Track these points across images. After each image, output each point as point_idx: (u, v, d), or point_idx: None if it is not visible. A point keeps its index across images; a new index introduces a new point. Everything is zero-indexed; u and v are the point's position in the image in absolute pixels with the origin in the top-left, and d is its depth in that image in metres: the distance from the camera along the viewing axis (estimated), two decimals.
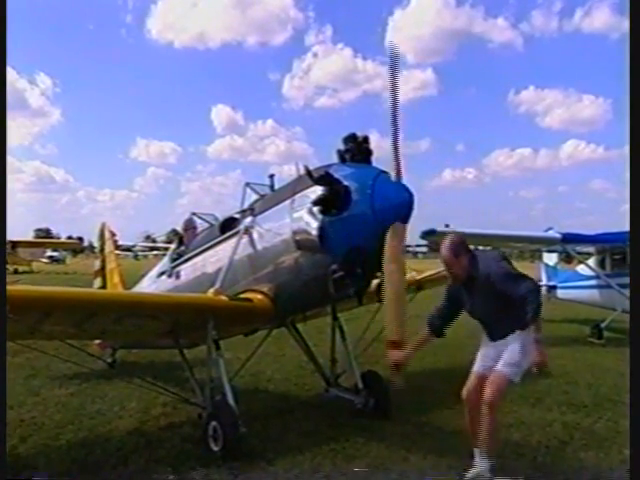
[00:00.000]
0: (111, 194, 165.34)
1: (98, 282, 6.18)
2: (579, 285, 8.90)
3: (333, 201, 3.17)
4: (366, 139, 3.34)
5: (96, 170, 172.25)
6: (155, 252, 42.43)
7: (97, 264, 6.54)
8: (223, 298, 3.49)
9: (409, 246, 3.89)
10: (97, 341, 5.76)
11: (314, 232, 3.27)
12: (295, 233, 3.43)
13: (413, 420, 3.88)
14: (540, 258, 11.88)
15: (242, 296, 3.65)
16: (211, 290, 3.54)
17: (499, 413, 4.27)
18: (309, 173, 3.26)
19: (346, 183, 3.20)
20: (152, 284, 5.27)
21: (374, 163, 3.37)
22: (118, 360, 5.99)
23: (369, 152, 3.35)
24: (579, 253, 8.00)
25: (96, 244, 7.14)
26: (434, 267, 5.36)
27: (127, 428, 3.64)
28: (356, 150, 3.31)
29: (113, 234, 6.76)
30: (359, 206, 3.15)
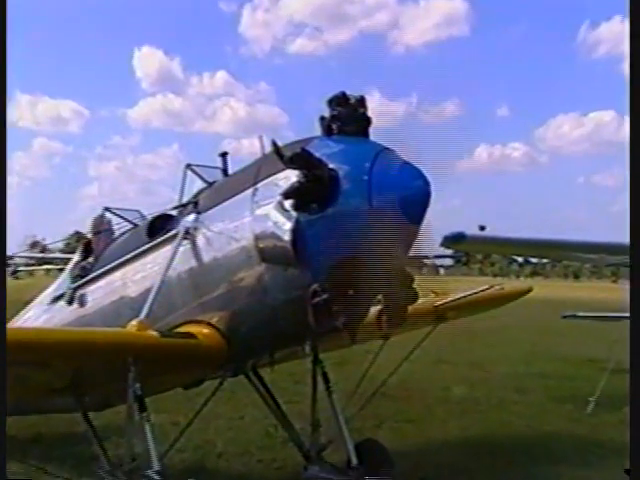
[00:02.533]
0: None
1: None
2: None
3: (313, 192, 3.32)
4: (362, 101, 3.48)
5: None
6: (47, 267, 41.30)
7: None
8: (152, 334, 3.56)
9: (426, 257, 4.19)
10: None
11: (286, 237, 3.42)
12: (258, 238, 3.59)
13: None
14: (628, 277, 11.43)
15: (181, 330, 3.77)
16: (134, 322, 3.58)
17: None
18: (278, 151, 3.41)
19: (332, 165, 3.34)
20: (43, 314, 5.29)
21: (374, 136, 3.52)
22: None
23: (366, 120, 3.50)
24: None
25: None
26: (463, 287, 5.62)
27: None
28: (348, 117, 3.46)
29: None
30: (351, 199, 3.30)
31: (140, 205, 4.94)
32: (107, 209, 5.14)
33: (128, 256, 4.56)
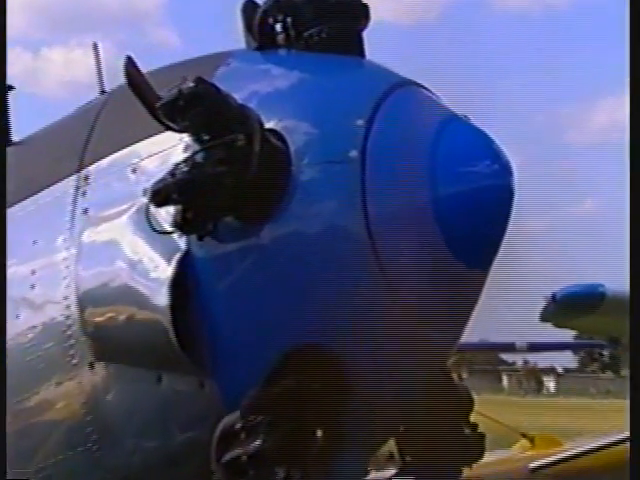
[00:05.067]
0: None
1: None
2: None
3: (227, 186, 3.34)
4: None
5: None
6: None
7: None
8: None
9: (508, 348, 4.17)
10: None
11: (159, 298, 3.48)
12: (88, 302, 3.70)
13: None
14: None
15: None
16: None
17: None
18: (141, 85, 3.47)
19: (276, 124, 3.46)
20: None
21: (376, 55, 3.67)
22: None
23: (358, 12, 3.64)
24: None
25: None
26: (602, 424, 5.60)
27: None
28: (311, 5, 3.58)
29: None
30: (319, 205, 3.43)
31: None
32: None
33: None
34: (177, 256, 3.45)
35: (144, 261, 3.55)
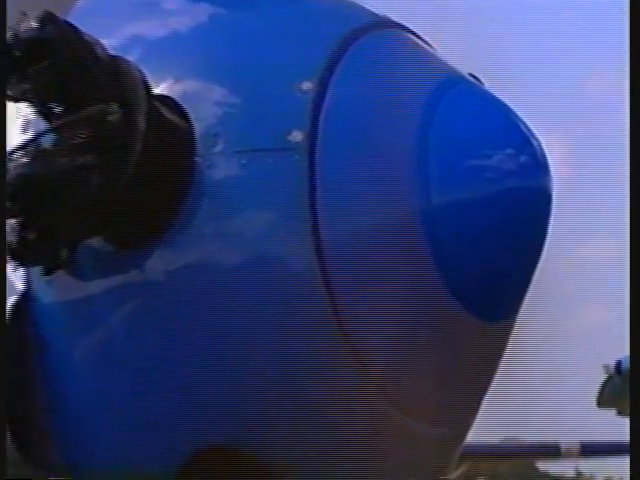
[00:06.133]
0: None
1: None
2: None
3: (90, 185, 3.02)
4: None
5: None
6: None
7: None
8: None
9: (549, 450, 5.22)
10: None
11: None
12: None
13: None
14: None
15: None
16: None
17: None
18: None
19: (171, 86, 3.28)
20: None
21: None
22: None
23: None
24: None
25: None
26: None
27: None
28: None
29: None
30: (247, 215, 3.16)
31: None
32: None
33: None
34: (10, 301, 3.10)
35: None
